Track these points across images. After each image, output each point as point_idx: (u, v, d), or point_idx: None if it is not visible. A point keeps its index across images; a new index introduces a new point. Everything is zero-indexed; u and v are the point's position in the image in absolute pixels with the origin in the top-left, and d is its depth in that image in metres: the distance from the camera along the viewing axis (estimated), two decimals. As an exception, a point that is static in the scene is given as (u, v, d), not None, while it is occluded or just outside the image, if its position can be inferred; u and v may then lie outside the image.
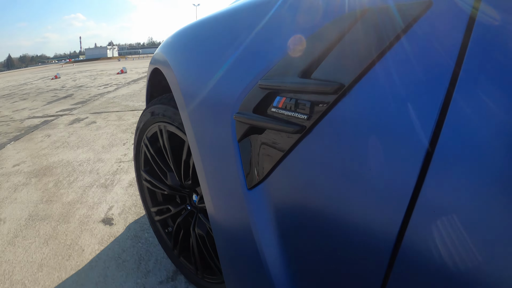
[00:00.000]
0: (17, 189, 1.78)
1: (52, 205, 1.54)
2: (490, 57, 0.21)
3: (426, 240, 0.24)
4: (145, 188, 1.03)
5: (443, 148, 0.23)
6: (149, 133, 0.92)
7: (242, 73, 0.47)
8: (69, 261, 1.12)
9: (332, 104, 0.31)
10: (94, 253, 1.16)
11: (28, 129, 3.22)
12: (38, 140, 2.79)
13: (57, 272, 1.07)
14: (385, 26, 0.28)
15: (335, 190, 0.32)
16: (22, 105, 5.08)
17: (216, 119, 0.53)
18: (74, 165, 2.07)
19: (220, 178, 0.53)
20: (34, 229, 1.35)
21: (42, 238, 1.28)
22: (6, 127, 3.50)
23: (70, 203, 1.55)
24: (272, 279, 0.41)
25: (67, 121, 3.48)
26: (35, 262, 1.13)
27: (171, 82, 0.72)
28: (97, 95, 5.39)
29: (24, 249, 1.22)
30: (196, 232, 0.83)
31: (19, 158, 2.33)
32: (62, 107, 4.56)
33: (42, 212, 1.49)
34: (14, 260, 1.15)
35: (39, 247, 1.22)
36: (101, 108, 4.05)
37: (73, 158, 2.21)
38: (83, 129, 3.02)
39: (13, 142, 2.83)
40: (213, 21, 0.64)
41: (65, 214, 1.45)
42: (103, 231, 1.29)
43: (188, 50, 0.70)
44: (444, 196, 0.23)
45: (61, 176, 1.90)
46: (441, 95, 0.23)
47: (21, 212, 1.51)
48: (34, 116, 3.94)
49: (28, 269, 1.10)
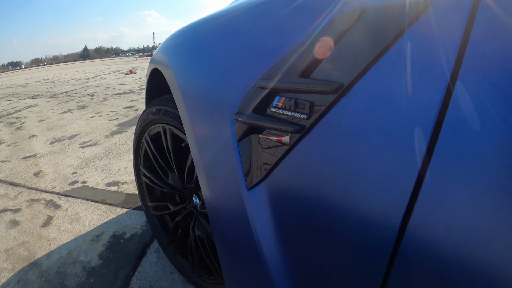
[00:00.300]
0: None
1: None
2: (489, 56, 0.21)
3: (426, 239, 0.25)
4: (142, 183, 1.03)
5: (443, 147, 0.23)
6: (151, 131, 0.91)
7: (242, 73, 0.47)
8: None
9: (332, 103, 0.31)
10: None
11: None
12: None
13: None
14: (384, 26, 0.28)
15: (334, 190, 0.32)
16: (70, 126, 3.07)
17: (215, 119, 0.53)
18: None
19: (220, 178, 0.53)
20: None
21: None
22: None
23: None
24: (272, 278, 0.42)
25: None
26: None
27: (170, 82, 0.72)
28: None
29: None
30: (195, 233, 0.82)
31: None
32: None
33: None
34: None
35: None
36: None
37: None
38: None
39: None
40: (212, 21, 0.64)
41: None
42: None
43: (187, 50, 0.70)
44: (444, 195, 0.23)
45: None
46: (441, 94, 0.23)
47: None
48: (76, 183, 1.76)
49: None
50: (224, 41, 0.56)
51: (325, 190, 0.33)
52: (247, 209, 0.45)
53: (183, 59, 0.70)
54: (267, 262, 0.42)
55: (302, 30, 0.37)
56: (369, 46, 0.28)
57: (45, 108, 4.48)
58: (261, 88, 0.41)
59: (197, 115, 0.59)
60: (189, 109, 0.62)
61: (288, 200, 0.39)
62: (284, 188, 0.39)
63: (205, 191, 0.58)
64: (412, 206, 0.25)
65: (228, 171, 0.49)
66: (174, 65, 0.72)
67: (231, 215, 0.51)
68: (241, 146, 0.46)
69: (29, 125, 3.46)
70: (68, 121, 3.40)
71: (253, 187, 0.43)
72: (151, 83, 1.08)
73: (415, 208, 0.25)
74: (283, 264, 0.40)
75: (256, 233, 0.43)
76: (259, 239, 0.43)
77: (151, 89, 1.11)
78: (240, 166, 0.46)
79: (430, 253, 0.24)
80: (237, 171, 0.46)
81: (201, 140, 0.58)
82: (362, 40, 0.29)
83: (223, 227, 0.55)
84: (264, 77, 0.40)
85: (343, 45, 0.31)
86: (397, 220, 0.26)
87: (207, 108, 0.56)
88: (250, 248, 0.45)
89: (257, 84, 0.41)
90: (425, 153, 0.24)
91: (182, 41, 0.75)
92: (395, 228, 0.26)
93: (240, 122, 0.45)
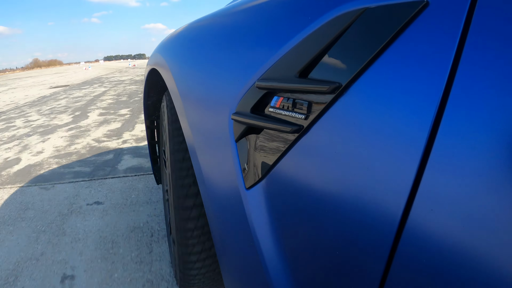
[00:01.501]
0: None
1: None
2: (487, 56, 0.22)
3: (424, 238, 0.25)
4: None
5: (441, 147, 0.23)
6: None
7: (239, 73, 0.47)
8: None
9: (330, 103, 0.31)
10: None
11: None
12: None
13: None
14: (382, 26, 0.28)
15: (333, 189, 0.32)
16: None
17: (213, 119, 0.52)
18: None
19: (217, 177, 0.53)
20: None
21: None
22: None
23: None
24: (271, 278, 0.42)
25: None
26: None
27: (168, 82, 0.72)
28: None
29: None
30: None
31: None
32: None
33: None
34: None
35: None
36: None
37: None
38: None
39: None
40: (210, 21, 0.64)
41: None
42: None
43: (185, 50, 0.70)
44: (442, 195, 0.23)
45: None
46: (438, 94, 0.24)
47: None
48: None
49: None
50: (222, 41, 0.56)
51: (324, 189, 0.33)
52: (245, 209, 0.45)
53: (181, 59, 0.70)
54: (266, 262, 0.42)
55: (300, 30, 0.37)
56: (367, 46, 0.29)
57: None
58: (259, 88, 0.41)
59: (195, 115, 0.59)
60: (187, 109, 0.62)
61: (286, 200, 0.39)
62: (282, 188, 0.39)
63: (203, 191, 0.58)
64: (410, 205, 0.25)
65: (226, 171, 0.49)
66: (172, 65, 0.71)
67: (229, 215, 0.51)
68: (239, 146, 0.46)
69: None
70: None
71: (251, 187, 0.44)
72: (149, 83, 1.08)
73: (413, 207, 0.25)
74: (282, 264, 0.40)
75: (255, 233, 0.43)
76: (257, 238, 0.43)
77: (149, 90, 1.11)
78: (238, 166, 0.46)
79: (429, 252, 0.24)
80: (235, 171, 0.46)
81: (199, 140, 0.58)
82: (360, 40, 0.29)
83: (221, 227, 0.55)
84: (262, 77, 0.41)
85: (341, 45, 0.31)
86: (396, 220, 0.26)
87: (205, 108, 0.56)
88: (249, 247, 0.45)
89: (255, 84, 0.41)
90: (423, 152, 0.24)
91: (180, 41, 0.75)
92: (394, 227, 0.26)
93: (238, 122, 0.45)
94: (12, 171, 2.48)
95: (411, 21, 0.26)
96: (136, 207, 1.75)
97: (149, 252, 1.36)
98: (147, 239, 1.45)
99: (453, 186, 0.23)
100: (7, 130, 4.00)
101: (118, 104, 5.58)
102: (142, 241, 1.44)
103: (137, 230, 1.52)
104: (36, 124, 4.28)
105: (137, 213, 1.69)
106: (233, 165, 0.47)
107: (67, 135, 3.54)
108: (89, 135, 3.47)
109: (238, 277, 0.54)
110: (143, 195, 1.90)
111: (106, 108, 5.26)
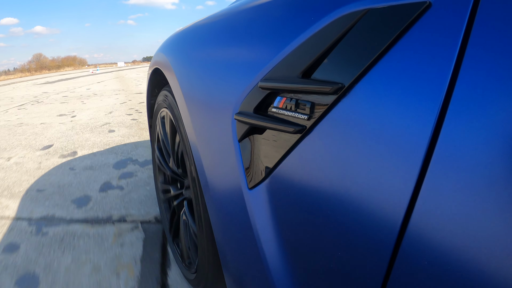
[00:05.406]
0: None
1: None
2: (490, 57, 0.22)
3: (426, 239, 0.25)
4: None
5: (444, 148, 0.23)
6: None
7: (243, 74, 0.47)
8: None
9: (332, 104, 0.31)
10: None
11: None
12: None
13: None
14: (385, 26, 0.28)
15: (335, 190, 0.32)
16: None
17: (216, 119, 0.53)
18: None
19: (220, 177, 0.53)
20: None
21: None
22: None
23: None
24: (273, 278, 0.42)
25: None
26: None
27: (171, 82, 0.72)
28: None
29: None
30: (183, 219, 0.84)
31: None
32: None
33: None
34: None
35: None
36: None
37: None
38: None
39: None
40: (213, 22, 0.64)
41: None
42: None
43: (188, 50, 0.71)
44: (444, 196, 0.23)
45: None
46: (441, 95, 0.24)
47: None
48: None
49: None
50: (225, 41, 0.56)
51: (326, 190, 0.33)
52: (248, 209, 0.45)
53: (184, 59, 0.70)
54: (268, 262, 0.42)
55: (303, 30, 0.37)
56: (370, 47, 0.29)
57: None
58: (262, 88, 0.41)
59: (198, 115, 0.59)
60: (190, 108, 0.62)
61: (289, 200, 0.39)
62: (285, 188, 0.39)
63: (206, 191, 0.58)
64: (412, 205, 0.25)
65: (229, 171, 0.49)
66: (175, 65, 0.72)
67: (232, 215, 0.51)
68: (242, 146, 0.46)
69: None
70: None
71: (254, 187, 0.44)
72: (152, 82, 1.08)
73: (416, 208, 0.25)
74: (284, 264, 0.41)
75: (257, 233, 0.44)
76: (260, 238, 0.43)
77: (152, 89, 1.12)
78: (241, 166, 0.46)
79: (431, 253, 0.24)
80: (238, 171, 0.47)
81: (202, 139, 0.58)
82: (363, 40, 0.29)
83: (224, 227, 0.55)
84: (265, 77, 0.41)
85: (344, 45, 0.31)
86: (398, 221, 0.26)
87: (208, 108, 0.56)
88: (251, 247, 0.45)
89: (258, 85, 0.41)
90: (426, 153, 0.24)
91: (183, 41, 0.75)
92: (396, 228, 0.27)
93: (241, 122, 0.45)
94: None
95: (413, 22, 0.26)
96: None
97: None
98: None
99: (455, 187, 0.23)
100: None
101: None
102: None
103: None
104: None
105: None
106: (236, 165, 0.47)
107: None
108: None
109: (240, 277, 0.54)
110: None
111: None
